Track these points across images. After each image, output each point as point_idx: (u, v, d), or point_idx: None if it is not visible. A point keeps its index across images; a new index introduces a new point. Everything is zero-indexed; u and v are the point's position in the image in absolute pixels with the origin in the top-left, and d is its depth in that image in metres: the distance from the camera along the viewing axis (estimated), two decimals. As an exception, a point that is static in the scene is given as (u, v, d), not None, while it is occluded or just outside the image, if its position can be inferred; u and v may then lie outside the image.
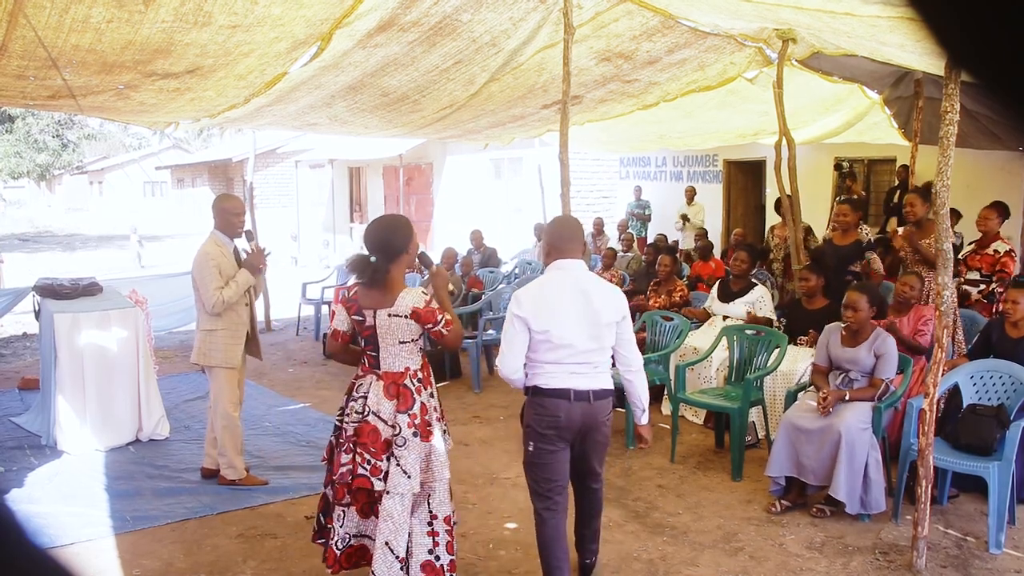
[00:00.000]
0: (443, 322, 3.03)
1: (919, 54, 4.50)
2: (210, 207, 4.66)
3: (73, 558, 3.78)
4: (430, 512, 3.07)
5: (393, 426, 3.02)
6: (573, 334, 3.05)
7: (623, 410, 5.70)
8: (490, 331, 7.35)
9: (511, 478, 4.82)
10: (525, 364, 3.10)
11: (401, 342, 3.04)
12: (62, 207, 44.97)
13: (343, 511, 3.11)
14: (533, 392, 3.13)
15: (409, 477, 2.97)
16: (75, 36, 4.18)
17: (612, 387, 3.21)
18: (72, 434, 5.32)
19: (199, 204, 28.75)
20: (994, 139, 7.46)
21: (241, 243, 4.70)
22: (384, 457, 3.00)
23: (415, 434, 3.00)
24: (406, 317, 2.99)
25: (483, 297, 7.96)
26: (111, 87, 5.25)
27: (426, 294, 3.04)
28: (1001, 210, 5.86)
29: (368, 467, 2.99)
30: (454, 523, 3.18)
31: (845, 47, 5.34)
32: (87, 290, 6.21)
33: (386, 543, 2.97)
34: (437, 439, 3.08)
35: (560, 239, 3.20)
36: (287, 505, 4.43)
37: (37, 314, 6.32)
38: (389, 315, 3.00)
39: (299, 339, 9.38)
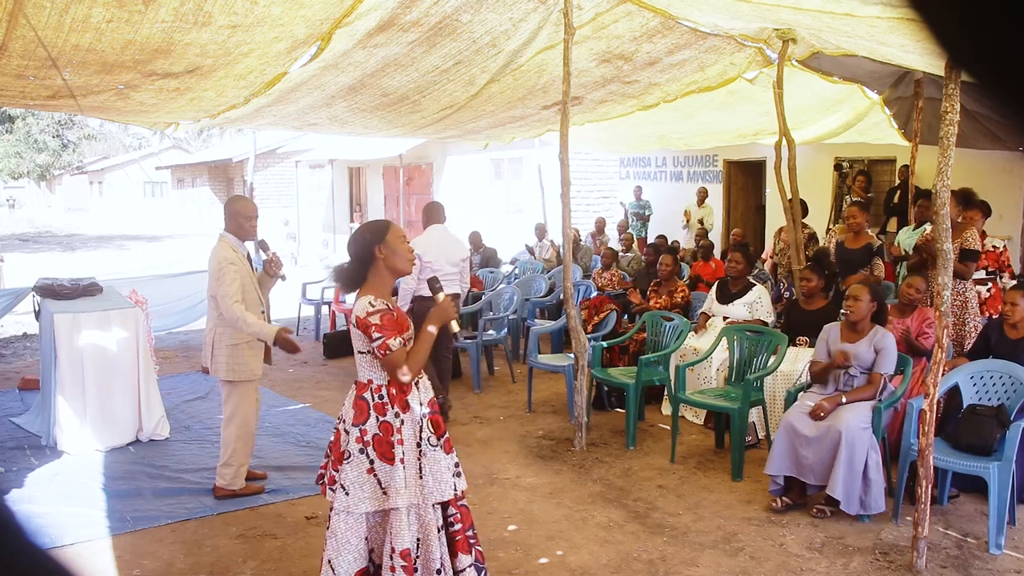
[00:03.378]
0: (378, 343, 2.78)
1: (919, 54, 4.51)
2: (223, 208, 4.51)
3: (73, 558, 3.78)
4: (391, 544, 2.82)
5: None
6: (441, 263, 5.74)
7: (623, 410, 5.71)
8: (490, 331, 7.34)
9: (511, 478, 4.82)
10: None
11: (359, 352, 2.90)
12: (62, 207, 44.97)
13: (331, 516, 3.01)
14: (419, 299, 5.61)
15: (347, 494, 2.80)
16: (75, 36, 4.18)
17: (459, 291, 5.99)
18: (72, 434, 5.32)
19: (199, 204, 28.77)
20: (994, 139, 7.46)
21: (251, 246, 4.58)
22: (338, 467, 2.88)
23: (360, 451, 2.82)
24: (354, 324, 2.86)
25: (483, 297, 7.96)
26: (111, 87, 5.25)
27: (372, 305, 2.82)
28: (985, 209, 5.91)
29: (328, 476, 2.92)
30: (416, 557, 2.86)
31: (845, 47, 5.34)
32: (87, 290, 6.21)
33: (328, 561, 2.84)
34: (399, 465, 2.80)
35: (435, 214, 6.07)
36: (287, 505, 4.43)
37: (37, 314, 6.33)
38: (350, 321, 2.91)
39: (299, 339, 9.36)
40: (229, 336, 4.30)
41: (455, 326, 3.02)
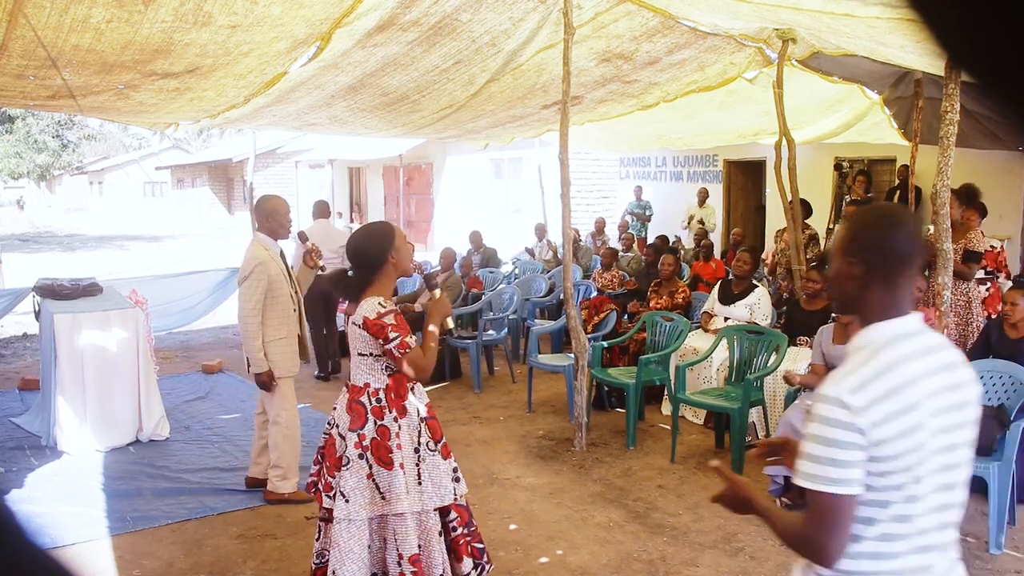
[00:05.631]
0: (396, 342, 2.73)
1: (919, 54, 4.51)
2: (255, 209, 4.43)
3: (73, 558, 3.78)
4: (397, 550, 2.80)
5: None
6: (324, 250, 5.05)
7: (623, 410, 5.71)
8: (490, 331, 7.34)
9: (511, 478, 4.82)
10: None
11: (359, 354, 2.83)
12: (62, 207, 44.96)
13: (321, 526, 2.95)
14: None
15: (347, 501, 2.75)
16: (75, 36, 4.18)
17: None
18: (72, 434, 5.32)
19: (199, 204, 28.77)
20: (994, 139, 7.45)
21: (283, 244, 4.48)
22: (335, 474, 2.82)
23: (360, 456, 2.77)
24: (359, 327, 2.77)
25: (483, 297, 7.96)
26: (111, 87, 5.25)
27: (382, 306, 2.77)
28: (982, 209, 5.90)
29: (323, 483, 2.85)
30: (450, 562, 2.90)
31: (845, 47, 5.34)
32: (87, 290, 6.20)
33: (333, 572, 2.76)
34: (398, 470, 2.77)
35: (321, 211, 7.38)
36: (287, 506, 4.43)
37: (37, 314, 6.32)
38: (351, 323, 2.83)
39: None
40: (269, 332, 4.25)
41: (450, 322, 3.01)
